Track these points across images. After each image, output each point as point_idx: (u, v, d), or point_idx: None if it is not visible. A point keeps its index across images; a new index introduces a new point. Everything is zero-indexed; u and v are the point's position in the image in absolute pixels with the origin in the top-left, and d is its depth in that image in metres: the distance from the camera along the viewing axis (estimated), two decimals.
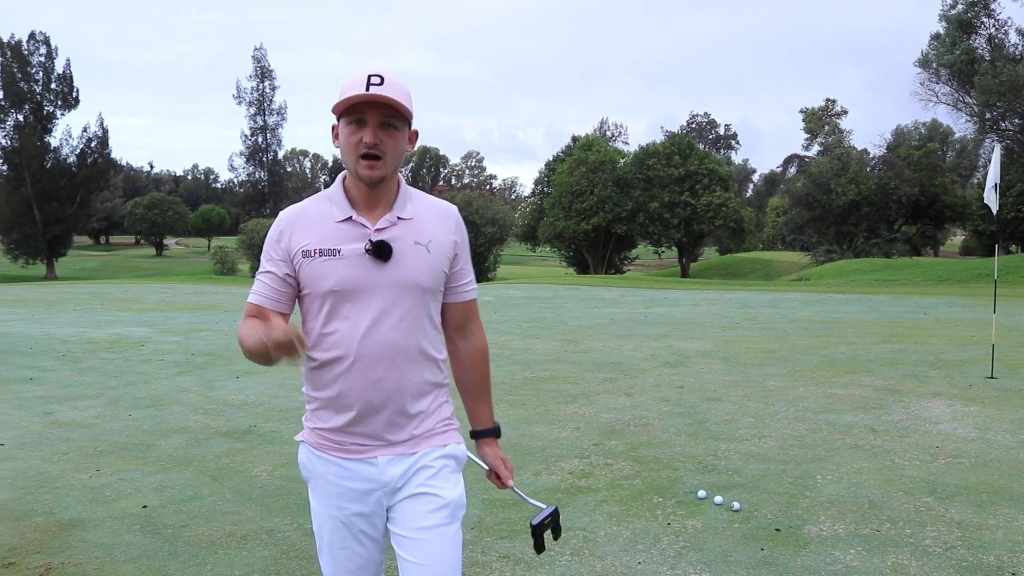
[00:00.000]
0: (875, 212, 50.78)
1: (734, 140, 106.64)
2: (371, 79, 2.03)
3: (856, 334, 12.30)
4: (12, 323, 15.84)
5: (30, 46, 56.75)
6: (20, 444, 6.24)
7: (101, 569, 3.89)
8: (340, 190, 2.15)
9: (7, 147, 55.59)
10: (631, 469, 5.33)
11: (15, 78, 55.48)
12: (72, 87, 58.23)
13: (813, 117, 63.17)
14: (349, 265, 2.07)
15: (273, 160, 76.96)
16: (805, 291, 23.39)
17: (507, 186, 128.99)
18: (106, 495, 4.98)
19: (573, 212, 53.44)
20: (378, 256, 2.07)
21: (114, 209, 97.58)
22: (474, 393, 2.39)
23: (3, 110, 55.48)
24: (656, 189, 54.16)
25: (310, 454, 2.21)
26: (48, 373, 9.57)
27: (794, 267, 51.25)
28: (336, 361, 2.10)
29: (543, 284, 28.41)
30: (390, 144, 2.06)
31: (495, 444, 2.41)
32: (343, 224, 2.10)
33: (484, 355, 2.39)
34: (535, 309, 17.90)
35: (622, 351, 10.70)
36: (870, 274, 35.44)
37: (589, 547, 4.05)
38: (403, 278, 2.10)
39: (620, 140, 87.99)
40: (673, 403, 7.33)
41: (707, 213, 53.94)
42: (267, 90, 73.65)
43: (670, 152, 54.94)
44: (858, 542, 4.02)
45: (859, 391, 7.73)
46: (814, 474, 5.13)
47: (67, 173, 57.06)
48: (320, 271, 2.08)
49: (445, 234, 2.21)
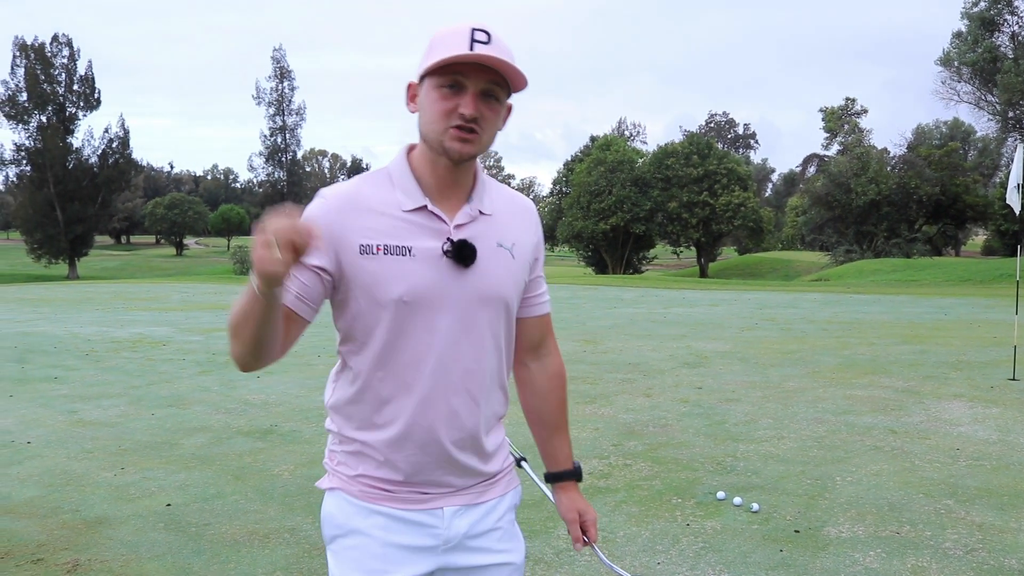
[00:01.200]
0: (895, 212, 50.44)
1: (753, 139, 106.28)
2: (475, 34, 1.60)
3: (876, 335, 12.24)
4: (37, 322, 16.03)
5: (53, 48, 57.31)
6: (46, 442, 6.33)
7: (127, 566, 3.95)
8: (407, 169, 1.70)
9: (30, 148, 56.16)
10: (650, 470, 5.34)
11: (38, 80, 56.02)
12: (94, 88, 58.74)
13: (833, 116, 62.80)
14: (422, 268, 1.63)
15: (292, 160, 77.23)
16: (824, 291, 23.28)
17: (525, 186, 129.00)
18: (130, 493, 5.04)
19: (591, 212, 53.39)
20: (459, 260, 1.65)
21: (135, 209, 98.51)
22: (551, 425, 1.97)
23: (27, 111, 56.03)
24: (675, 189, 54.02)
25: (346, 504, 1.73)
26: (72, 372, 9.69)
27: (813, 267, 50.97)
28: (401, 392, 1.67)
29: (562, 284, 28.41)
30: (490, 118, 1.63)
31: (576, 490, 2.00)
32: (413, 215, 1.66)
33: (563, 379, 1.97)
34: (554, 309, 17.75)
35: (641, 351, 10.71)
36: (890, 274, 35.21)
37: (608, 547, 4.07)
38: (485, 288, 1.69)
39: (638, 140, 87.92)
40: (692, 404, 7.33)
41: (726, 213, 53.75)
42: (286, 90, 73.90)
43: (689, 152, 54.79)
44: (878, 544, 4.02)
45: (879, 392, 7.70)
46: (833, 476, 5.13)
47: (89, 174, 57.58)
48: (385, 273, 1.62)
49: (527, 235, 1.81)
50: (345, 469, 1.74)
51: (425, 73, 1.62)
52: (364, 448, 1.71)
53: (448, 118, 1.60)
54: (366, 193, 1.67)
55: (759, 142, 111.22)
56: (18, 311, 19.45)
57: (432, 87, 1.62)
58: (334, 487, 1.75)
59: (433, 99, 1.61)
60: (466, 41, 1.58)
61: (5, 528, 4.46)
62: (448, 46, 1.58)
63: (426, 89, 1.63)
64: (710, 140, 59.22)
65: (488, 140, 1.66)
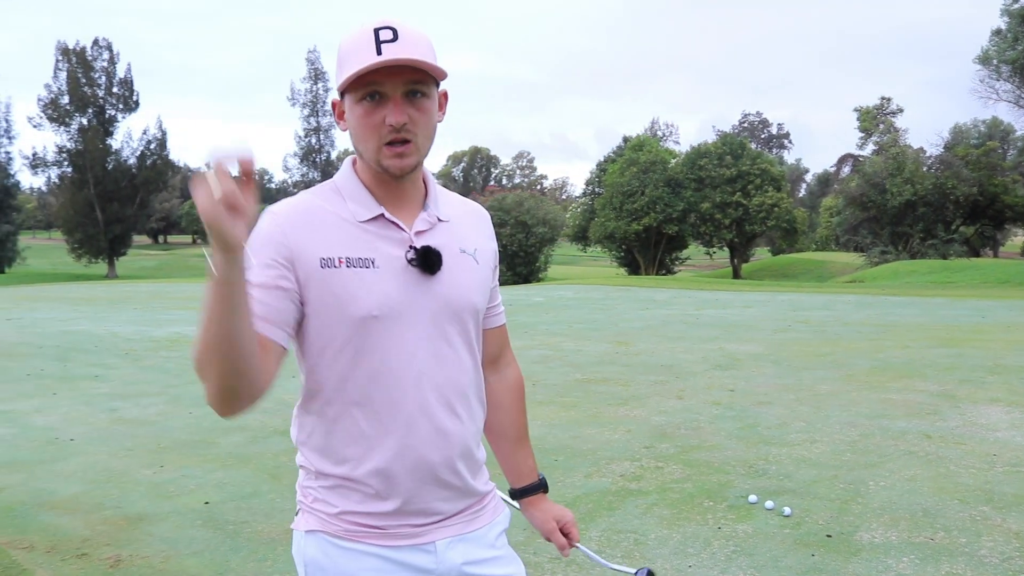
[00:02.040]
0: (932, 212, 49.72)
1: (787, 139, 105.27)
2: (380, 34, 1.48)
3: (911, 338, 12.11)
4: (78, 321, 16.34)
5: (94, 52, 58.27)
6: (89, 439, 6.48)
7: (167, 562, 4.04)
8: (355, 180, 1.60)
9: (71, 150, 57.15)
10: (682, 472, 5.35)
11: (79, 83, 56.99)
12: (132, 91, 59.63)
13: (868, 116, 62.07)
14: (388, 279, 1.53)
15: (326, 161, 77.81)
16: (859, 293, 23.05)
17: (557, 186, 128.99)
18: (170, 491, 5.15)
19: (624, 212, 53.23)
20: (425, 267, 1.56)
21: (171, 209, 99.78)
22: (514, 438, 1.87)
23: (68, 114, 57.04)
24: (708, 189, 53.70)
25: (330, 547, 1.58)
26: (112, 371, 9.88)
27: (847, 268, 50.41)
28: (383, 414, 1.55)
29: (594, 285, 28.41)
30: (421, 120, 1.52)
31: (546, 500, 1.91)
32: (370, 225, 1.56)
33: (522, 390, 1.90)
34: (586, 310, 17.92)
35: (673, 353, 10.69)
36: (926, 276, 34.74)
37: (640, 549, 4.09)
38: (454, 296, 1.60)
39: (671, 140, 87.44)
40: (724, 406, 7.32)
41: (759, 213, 53.33)
42: (320, 92, 74.50)
43: (722, 152, 54.44)
44: (911, 550, 4.01)
45: (914, 396, 7.64)
46: (866, 480, 5.10)
47: (128, 174, 58.46)
48: (349, 287, 1.51)
49: (487, 241, 1.74)
50: (324, 507, 1.59)
51: (343, 89, 1.53)
52: (345, 483, 1.57)
53: (378, 132, 1.51)
54: (318, 205, 1.57)
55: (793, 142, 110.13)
56: (60, 310, 19.83)
57: (353, 103, 1.52)
58: (313, 529, 1.60)
59: (357, 115, 1.52)
60: (372, 45, 1.47)
61: (51, 523, 4.59)
62: (357, 55, 1.48)
63: (348, 105, 1.53)
64: (743, 140, 58.72)
65: (425, 141, 1.55)
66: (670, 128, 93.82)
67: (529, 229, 48.92)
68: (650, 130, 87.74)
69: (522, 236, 48.94)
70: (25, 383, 9.15)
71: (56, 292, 28.92)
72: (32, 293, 28.50)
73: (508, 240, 48.95)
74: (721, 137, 58.92)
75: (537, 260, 50.83)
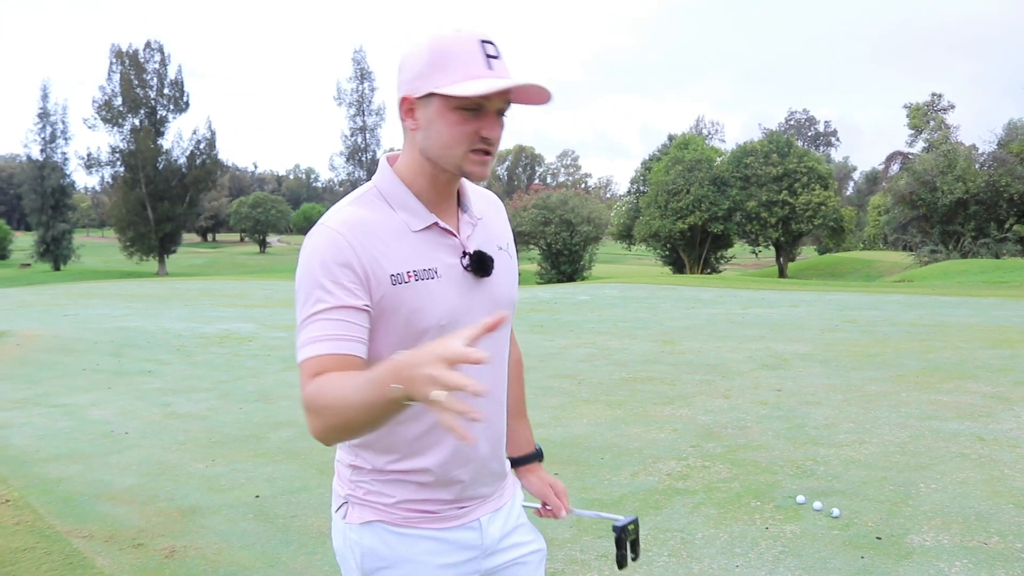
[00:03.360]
0: (984, 211, 48.64)
1: (834, 137, 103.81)
2: (486, 48, 1.50)
3: (962, 338, 11.88)
4: (131, 318, 16.70)
5: (146, 54, 59.48)
6: (143, 433, 6.63)
7: (219, 554, 4.13)
8: (400, 186, 1.61)
9: (124, 150, 58.38)
10: (729, 472, 5.33)
11: (132, 85, 58.21)
12: (183, 92, 60.76)
13: (918, 113, 60.92)
14: (450, 288, 1.59)
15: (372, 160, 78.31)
16: (908, 293, 22.63)
17: (602, 184, 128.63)
18: (221, 484, 5.26)
19: (669, 211, 52.89)
20: (479, 271, 1.62)
21: (220, 208, 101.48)
22: (515, 412, 1.97)
23: (121, 115, 58.30)
24: (753, 188, 53.14)
25: (389, 534, 1.66)
26: (165, 366, 10.09)
27: (896, 268, 49.52)
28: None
29: (639, 283, 28.26)
30: (500, 137, 1.58)
31: (541, 469, 2.03)
32: (425, 234, 1.59)
33: (522, 366, 2.02)
34: (631, 309, 17.85)
35: (719, 352, 10.62)
36: (978, 276, 33.98)
37: (687, 549, 4.09)
38: (500, 294, 1.67)
39: (716, 138, 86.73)
40: (771, 406, 7.26)
41: (806, 212, 52.64)
42: (366, 91, 75.04)
43: (768, 150, 53.82)
44: (964, 555, 3.94)
45: (965, 398, 7.50)
46: (917, 482, 5.03)
47: (178, 174, 59.56)
48: (420, 300, 1.55)
49: (508, 231, 1.81)
50: (380, 499, 1.67)
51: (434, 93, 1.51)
52: (404, 476, 1.64)
53: (469, 141, 1.52)
54: (370, 218, 1.57)
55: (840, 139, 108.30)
56: (113, 306, 20.29)
57: (448, 108, 1.51)
58: (370, 520, 1.66)
59: (451, 122, 1.51)
60: (481, 59, 1.49)
61: (108, 513, 4.71)
62: (463, 65, 1.48)
63: (438, 109, 1.51)
64: (790, 138, 57.99)
65: (496, 152, 1.60)
66: (715, 126, 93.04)
67: (574, 227, 48.83)
68: (695, 128, 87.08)
69: (567, 234, 48.86)
70: (81, 377, 9.39)
71: (109, 289, 29.59)
72: (87, 290, 29.21)
73: (552, 238, 48.90)
74: (767, 135, 58.24)
75: (581, 258, 50.70)
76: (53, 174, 62.39)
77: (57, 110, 62.21)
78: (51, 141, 62.26)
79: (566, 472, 5.36)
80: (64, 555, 4.09)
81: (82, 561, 4.02)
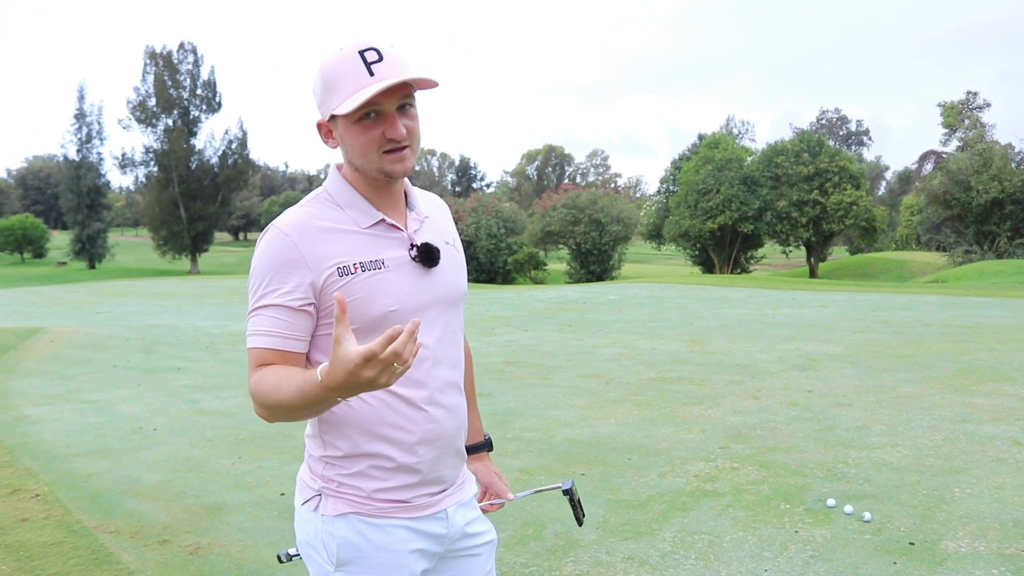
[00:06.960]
0: (1020, 210, 47.79)
1: (866, 136, 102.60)
2: (367, 56, 1.61)
3: (997, 340, 11.66)
4: (162, 315, 16.87)
5: (179, 55, 60.06)
6: (170, 430, 6.67)
7: (244, 551, 4.13)
8: (349, 189, 1.74)
9: (157, 150, 59.01)
10: (758, 474, 5.25)
11: (166, 85, 58.80)
12: (215, 92, 61.25)
13: (952, 111, 59.99)
14: (398, 277, 1.70)
15: None
16: (941, 293, 22.28)
17: (631, 184, 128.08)
18: (247, 481, 5.27)
19: (699, 211, 52.56)
20: (427, 262, 1.74)
21: (252, 207, 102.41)
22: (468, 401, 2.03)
23: (155, 115, 58.90)
24: (784, 187, 52.65)
25: (364, 525, 1.74)
26: (194, 363, 10.17)
27: (929, 268, 48.81)
28: (408, 398, 1.72)
29: (668, 283, 28.08)
30: (413, 128, 1.68)
31: (488, 458, 2.14)
32: (373, 230, 1.71)
33: (471, 357, 2.10)
34: (660, 308, 17.74)
35: (749, 353, 10.51)
36: (1014, 276, 33.39)
37: (715, 552, 4.03)
38: (449, 285, 1.80)
39: (747, 138, 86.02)
40: (801, 408, 7.16)
41: (837, 212, 52.08)
42: None
43: (799, 149, 53.30)
44: (1001, 562, 3.84)
45: (1001, 400, 7.34)
46: (951, 487, 4.92)
47: (210, 173, 60.09)
48: (368, 290, 1.66)
49: (454, 230, 1.94)
50: (353, 491, 1.74)
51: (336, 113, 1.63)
52: (374, 461, 1.72)
53: (378, 145, 1.65)
54: (319, 216, 1.70)
55: (872, 139, 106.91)
56: (145, 304, 20.51)
57: (350, 123, 1.64)
58: (345, 512, 1.74)
59: (356, 133, 1.65)
60: (362, 69, 1.59)
61: (135, 509, 4.74)
62: (348, 81, 1.60)
63: (344, 126, 1.65)
64: (821, 137, 57.37)
65: (417, 145, 1.72)
66: (746, 126, 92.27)
67: (603, 227, 48.70)
68: (725, 128, 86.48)
69: (596, 234, 48.74)
70: (112, 374, 9.49)
71: (142, 287, 29.93)
72: (120, 288, 29.57)
73: (582, 238, 48.81)
74: (798, 134, 57.69)
75: (611, 258, 50.56)
76: (89, 174, 63.21)
77: (93, 111, 63.03)
78: (87, 141, 63.07)
79: (593, 472, 5.31)
80: (90, 550, 4.11)
81: (108, 557, 4.04)
